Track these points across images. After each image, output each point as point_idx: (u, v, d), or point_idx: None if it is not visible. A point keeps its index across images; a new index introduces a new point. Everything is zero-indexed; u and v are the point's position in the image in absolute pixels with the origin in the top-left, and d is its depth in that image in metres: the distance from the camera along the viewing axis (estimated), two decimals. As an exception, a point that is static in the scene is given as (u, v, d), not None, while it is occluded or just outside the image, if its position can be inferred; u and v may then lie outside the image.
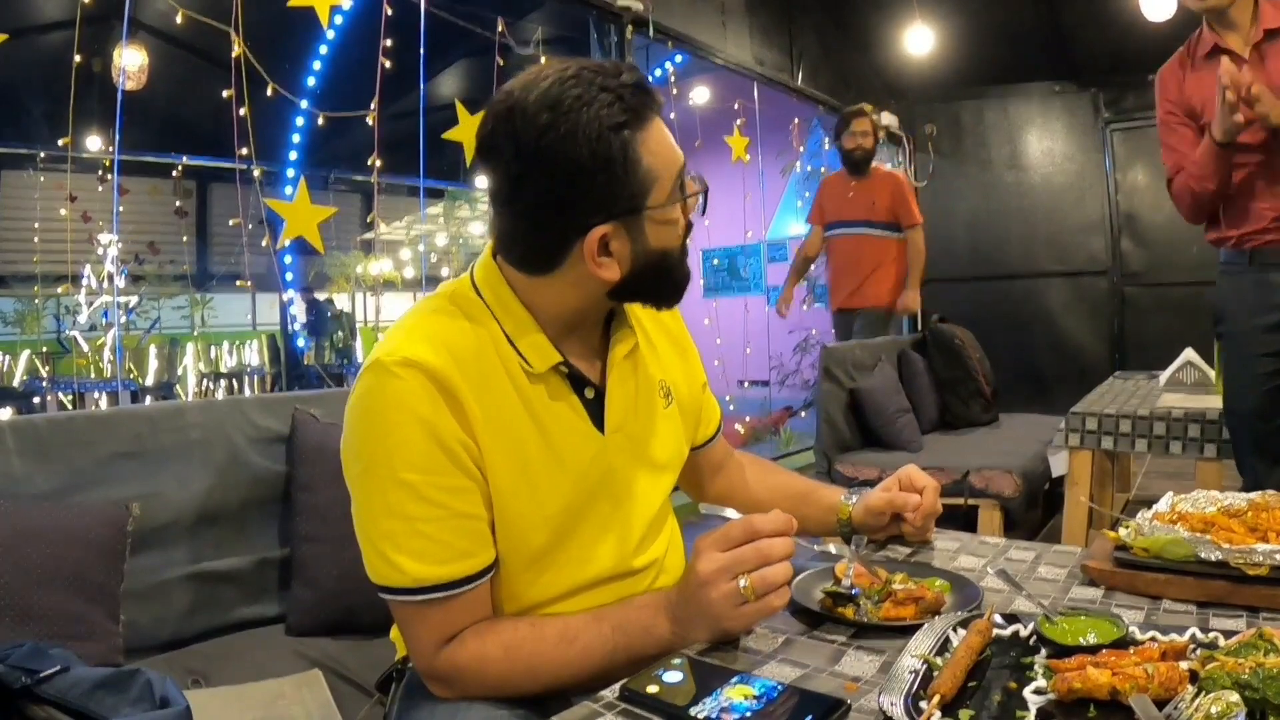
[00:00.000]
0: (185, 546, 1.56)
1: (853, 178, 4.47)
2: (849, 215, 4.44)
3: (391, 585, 0.90)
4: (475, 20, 4.44)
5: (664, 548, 1.09)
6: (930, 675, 0.74)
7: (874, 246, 4.41)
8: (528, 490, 0.94)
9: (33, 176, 8.47)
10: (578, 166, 0.86)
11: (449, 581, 0.90)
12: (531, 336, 0.96)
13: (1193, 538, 0.92)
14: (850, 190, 4.45)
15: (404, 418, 0.88)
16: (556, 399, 0.97)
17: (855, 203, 4.41)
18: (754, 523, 0.86)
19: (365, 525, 0.91)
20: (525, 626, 0.93)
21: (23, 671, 1.02)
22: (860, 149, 4.39)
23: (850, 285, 4.47)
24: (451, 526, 0.90)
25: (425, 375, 0.88)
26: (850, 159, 4.45)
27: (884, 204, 4.40)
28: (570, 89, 0.86)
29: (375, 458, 0.89)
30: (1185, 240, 5.58)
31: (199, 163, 9.14)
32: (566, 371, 0.98)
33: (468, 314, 0.96)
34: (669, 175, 0.92)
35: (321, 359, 9.21)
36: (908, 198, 4.43)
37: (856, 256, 4.43)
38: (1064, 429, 2.70)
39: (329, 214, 3.18)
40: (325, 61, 6.70)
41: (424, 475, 0.88)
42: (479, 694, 0.92)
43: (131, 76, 4.90)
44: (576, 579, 0.99)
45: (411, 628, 0.93)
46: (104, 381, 7.29)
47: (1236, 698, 0.62)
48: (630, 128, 0.88)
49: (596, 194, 0.88)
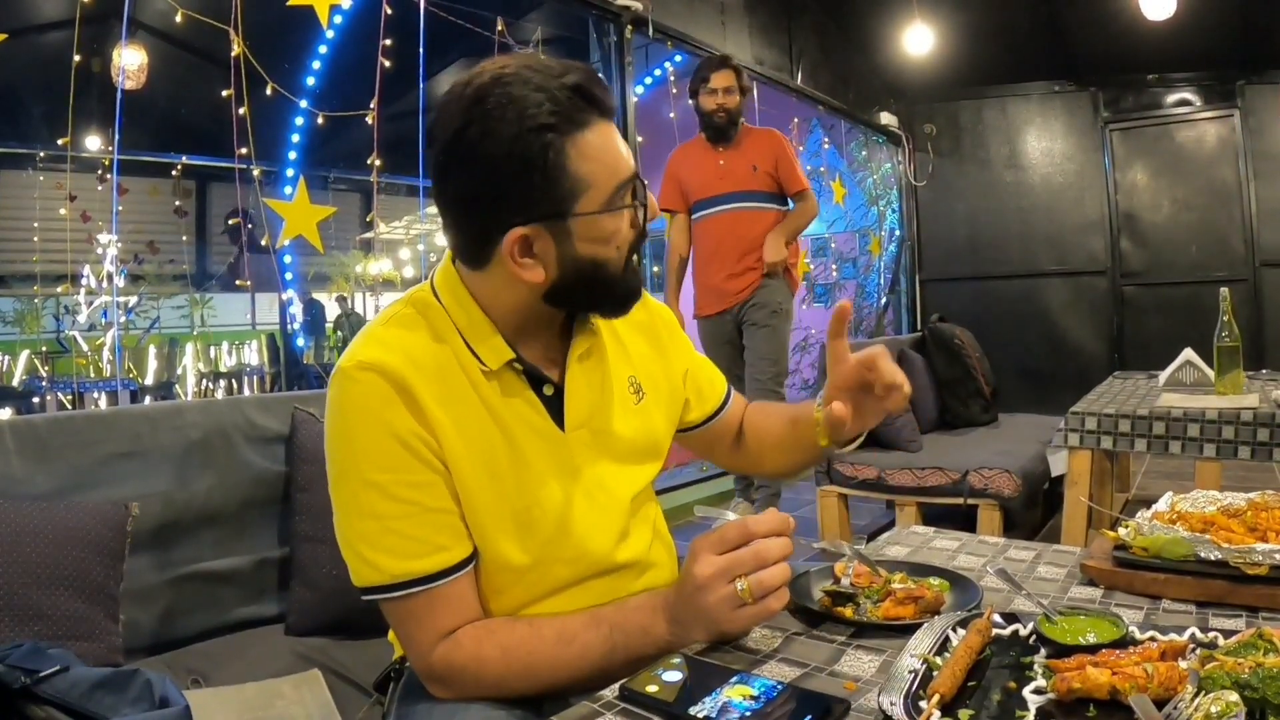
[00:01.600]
0: (185, 546, 1.57)
1: (717, 146, 3.58)
2: (721, 189, 3.54)
3: (372, 584, 0.91)
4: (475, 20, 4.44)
5: (647, 541, 1.08)
6: (930, 675, 0.74)
7: (757, 222, 3.51)
8: (494, 486, 0.95)
9: (32, 176, 8.46)
10: (491, 165, 0.86)
11: (426, 575, 0.91)
12: (486, 335, 0.96)
13: (1192, 537, 0.92)
14: (720, 159, 3.56)
15: (365, 419, 0.90)
16: (513, 396, 0.97)
17: (728, 173, 3.54)
18: (749, 525, 0.86)
19: (343, 529, 0.93)
20: (523, 627, 0.93)
21: (22, 671, 1.02)
22: (723, 110, 3.49)
23: (729, 271, 3.51)
24: (423, 521, 0.91)
25: (380, 376, 0.90)
26: (711, 123, 3.54)
27: (766, 168, 3.52)
28: (500, 87, 0.86)
29: (345, 462, 0.91)
30: (1184, 240, 5.60)
31: (198, 162, 9.14)
32: (521, 369, 0.98)
33: (425, 317, 0.97)
34: (607, 183, 0.90)
35: (320, 359, 9.21)
36: (794, 160, 3.61)
37: (737, 236, 3.50)
38: (1063, 429, 2.70)
39: (328, 213, 3.19)
40: (325, 61, 6.69)
41: (391, 474, 0.90)
42: (477, 694, 0.92)
43: (131, 76, 4.90)
44: (561, 576, 0.99)
45: (403, 627, 0.94)
46: (103, 381, 7.29)
47: (1236, 697, 0.62)
48: (558, 131, 0.86)
49: (514, 195, 0.87)
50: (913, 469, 3.27)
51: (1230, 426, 2.36)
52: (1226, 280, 4.21)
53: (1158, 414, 2.49)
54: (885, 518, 3.84)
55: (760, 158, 3.52)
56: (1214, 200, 5.52)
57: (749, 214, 3.52)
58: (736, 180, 3.52)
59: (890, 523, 3.60)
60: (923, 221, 6.36)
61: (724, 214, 3.53)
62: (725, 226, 3.53)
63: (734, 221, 3.52)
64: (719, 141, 3.57)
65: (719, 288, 3.54)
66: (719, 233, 3.54)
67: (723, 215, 3.54)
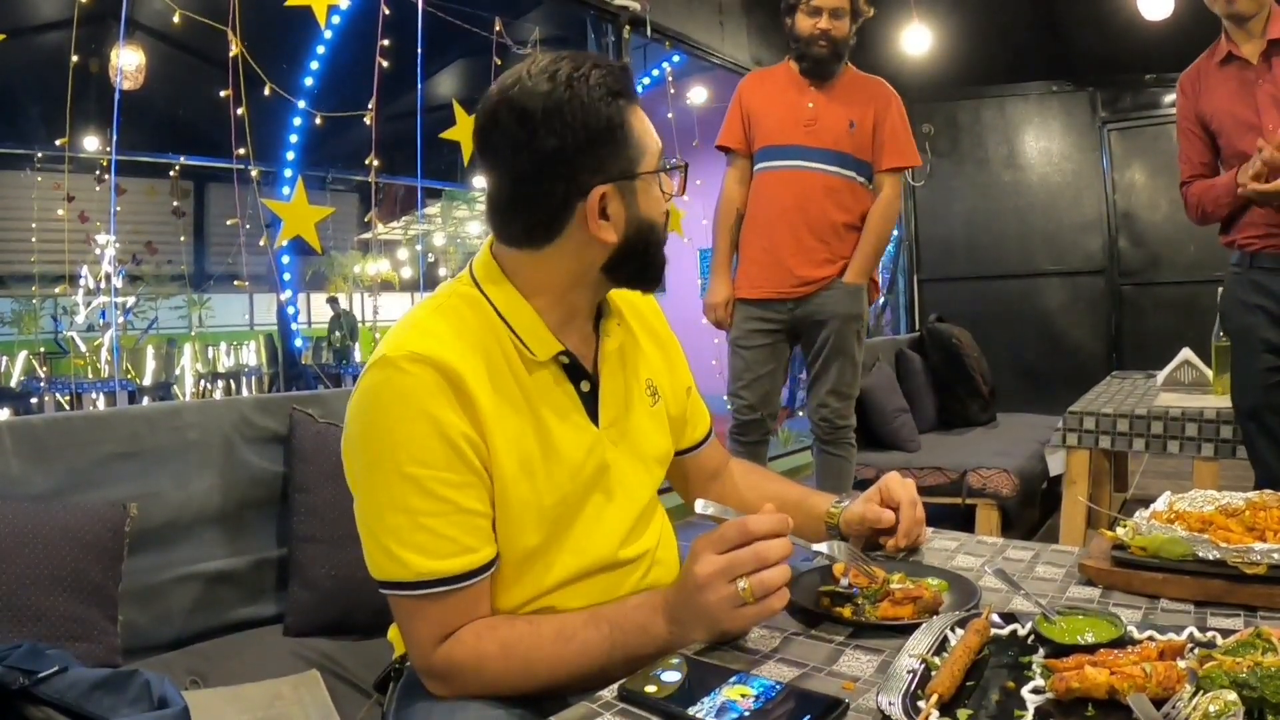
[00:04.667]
0: (183, 547, 1.56)
1: (811, 83, 2.71)
2: (805, 139, 2.67)
3: (394, 580, 0.91)
4: (473, 20, 4.44)
5: (655, 539, 1.09)
6: (928, 675, 0.74)
7: (844, 195, 2.68)
8: (528, 483, 0.95)
9: (30, 176, 8.46)
10: (580, 126, 0.91)
11: (451, 576, 0.90)
12: (533, 326, 0.98)
13: (1190, 537, 0.92)
14: (809, 100, 2.69)
15: (411, 412, 0.89)
16: (555, 390, 0.99)
17: (818, 122, 2.67)
18: (749, 524, 0.86)
19: (369, 520, 0.92)
20: (523, 624, 0.93)
21: (21, 672, 1.01)
22: (826, 38, 2.62)
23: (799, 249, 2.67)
24: (455, 522, 0.90)
25: (434, 370, 0.89)
26: (808, 53, 2.66)
27: (866, 126, 2.68)
28: (566, 65, 0.93)
29: (381, 452, 0.90)
30: (1182, 240, 5.60)
31: (196, 163, 9.14)
32: (566, 362, 1.00)
33: (471, 308, 0.98)
34: (655, 148, 0.99)
35: (319, 359, 9.21)
36: (907, 126, 2.78)
37: (817, 208, 2.66)
38: (1061, 428, 2.70)
39: (326, 214, 3.19)
40: (323, 61, 6.70)
41: (429, 470, 0.89)
42: (476, 691, 0.92)
43: (129, 76, 4.89)
44: (569, 569, 0.99)
45: (411, 624, 0.93)
46: (101, 382, 7.29)
47: (1234, 697, 0.62)
48: (626, 98, 0.95)
49: (596, 156, 0.93)
50: (911, 469, 3.27)
51: (1228, 426, 2.36)
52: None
53: (1156, 413, 2.50)
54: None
55: (861, 112, 2.69)
56: (1212, 200, 5.53)
57: (836, 183, 2.67)
58: (828, 134, 2.67)
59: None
60: (921, 221, 6.35)
61: (802, 173, 2.67)
62: (801, 190, 2.67)
63: (812, 186, 2.66)
64: (814, 77, 2.71)
65: (782, 263, 2.68)
66: (790, 196, 2.67)
67: (800, 174, 2.67)
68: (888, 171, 2.71)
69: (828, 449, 2.78)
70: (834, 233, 2.68)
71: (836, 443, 2.77)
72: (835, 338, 2.68)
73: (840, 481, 2.78)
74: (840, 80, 2.71)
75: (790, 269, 2.67)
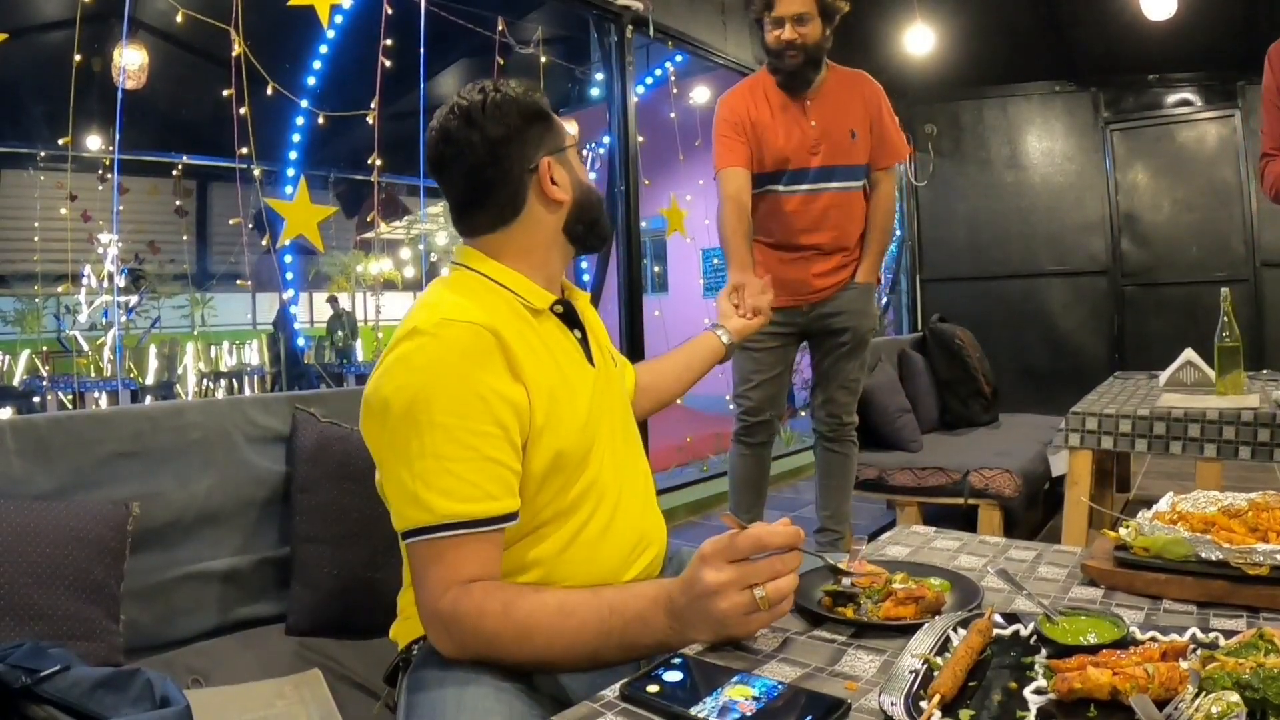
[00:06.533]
0: (185, 546, 1.56)
1: (798, 98, 2.61)
2: (814, 163, 2.61)
3: (417, 526, 0.96)
4: (475, 20, 4.44)
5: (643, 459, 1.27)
6: (930, 675, 0.74)
7: (855, 205, 2.69)
8: (551, 426, 1.04)
9: (33, 176, 8.48)
10: (516, 113, 1.12)
11: (472, 519, 0.95)
12: (527, 286, 1.12)
13: (1193, 537, 0.92)
14: (810, 119, 2.61)
15: (445, 370, 0.98)
16: (561, 337, 1.14)
17: (824, 140, 2.61)
18: (764, 537, 0.86)
19: (398, 471, 0.97)
20: (529, 591, 0.96)
21: (23, 671, 1.02)
22: (794, 48, 2.53)
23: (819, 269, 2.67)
24: (479, 468, 0.97)
25: (472, 331, 0.99)
26: (781, 66, 2.57)
27: (864, 131, 2.65)
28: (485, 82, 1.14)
29: (415, 404, 0.97)
30: (1185, 240, 5.59)
31: (199, 162, 9.15)
32: (561, 311, 1.16)
33: (475, 281, 1.12)
34: (570, 131, 1.21)
35: (321, 358, 9.21)
36: (895, 119, 2.76)
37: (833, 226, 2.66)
38: (1064, 429, 2.69)
39: (329, 213, 3.19)
40: (325, 61, 6.69)
41: (459, 419, 0.96)
42: (473, 647, 0.95)
43: (131, 76, 4.90)
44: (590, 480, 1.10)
45: (426, 570, 0.97)
46: (104, 381, 7.30)
47: (1237, 698, 0.62)
48: (537, 93, 1.16)
49: (536, 133, 1.14)
50: (913, 469, 3.27)
51: (1231, 427, 2.36)
52: (1227, 280, 4.21)
53: (1158, 414, 2.49)
54: (886, 518, 3.84)
55: (858, 119, 2.64)
56: (1214, 200, 5.52)
57: (848, 197, 2.66)
58: (836, 153, 2.61)
59: (891, 523, 3.60)
60: (923, 222, 6.34)
61: (817, 195, 2.63)
62: (819, 211, 2.64)
63: (828, 206, 2.64)
64: (793, 91, 2.61)
65: (803, 279, 2.68)
66: (808, 219, 2.64)
67: (815, 197, 2.63)
68: (884, 169, 2.74)
69: (831, 446, 2.80)
70: (847, 241, 2.72)
71: (840, 440, 2.80)
72: (852, 337, 2.71)
73: (843, 479, 2.81)
74: (826, 85, 2.65)
75: (809, 281, 2.69)
